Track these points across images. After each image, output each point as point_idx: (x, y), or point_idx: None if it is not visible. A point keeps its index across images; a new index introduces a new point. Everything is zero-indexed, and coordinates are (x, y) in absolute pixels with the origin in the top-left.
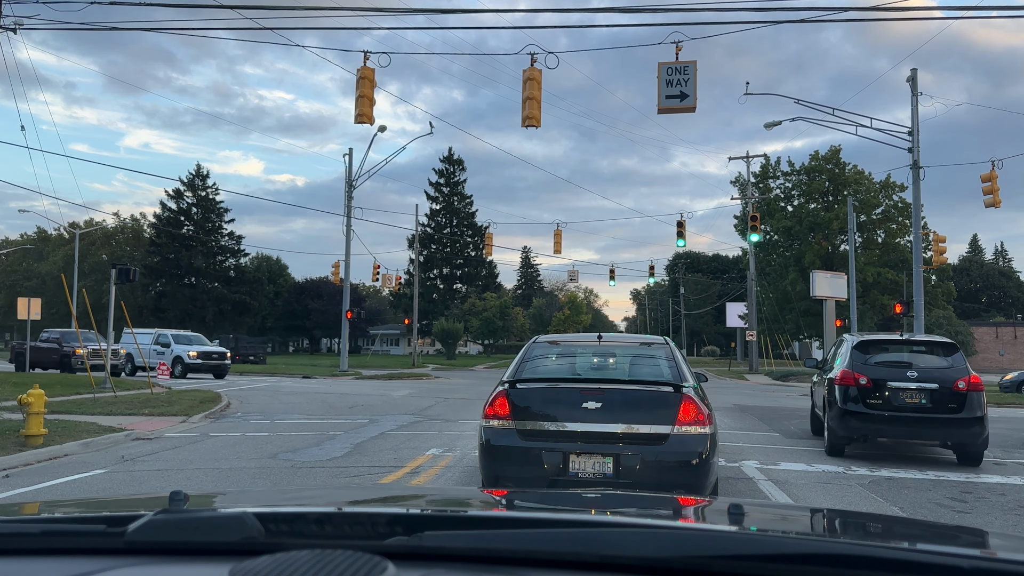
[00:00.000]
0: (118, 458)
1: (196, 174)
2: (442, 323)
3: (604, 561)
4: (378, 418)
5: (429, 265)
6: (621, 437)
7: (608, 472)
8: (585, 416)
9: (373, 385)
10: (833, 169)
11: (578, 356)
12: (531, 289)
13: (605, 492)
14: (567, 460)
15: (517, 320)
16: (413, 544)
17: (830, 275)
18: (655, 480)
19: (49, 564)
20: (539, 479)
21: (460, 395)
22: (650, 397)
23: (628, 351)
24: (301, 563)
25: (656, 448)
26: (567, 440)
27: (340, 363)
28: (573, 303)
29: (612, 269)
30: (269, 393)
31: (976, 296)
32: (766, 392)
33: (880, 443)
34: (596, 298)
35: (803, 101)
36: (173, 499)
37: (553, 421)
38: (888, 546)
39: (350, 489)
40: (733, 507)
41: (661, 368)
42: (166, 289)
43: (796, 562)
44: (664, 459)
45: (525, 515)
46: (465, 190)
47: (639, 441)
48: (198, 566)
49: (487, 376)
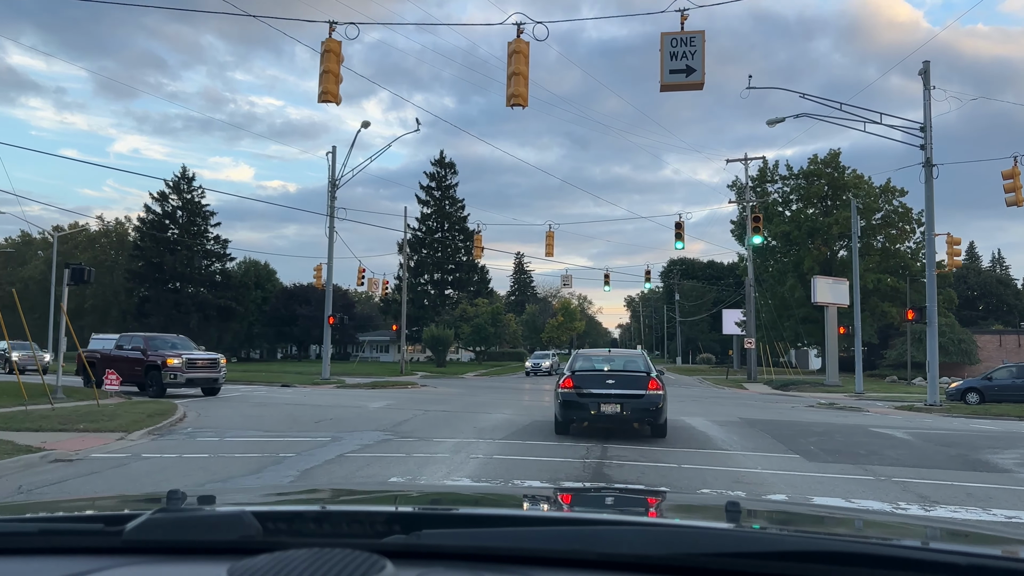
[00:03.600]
0: (13, 489)
1: (181, 176)
2: (432, 329)
3: (602, 559)
4: (343, 435)
5: (420, 270)
6: (622, 396)
7: (618, 411)
8: (606, 385)
9: (352, 395)
10: (832, 173)
11: (600, 359)
12: (524, 295)
13: (604, 490)
14: (599, 405)
15: (509, 327)
16: (411, 542)
17: (832, 281)
18: (639, 415)
19: (47, 563)
20: (586, 415)
21: (442, 407)
22: (635, 377)
23: (624, 357)
24: (299, 562)
25: (638, 400)
26: (598, 397)
27: (322, 371)
28: (567, 310)
29: (607, 274)
30: (235, 404)
31: (973, 304)
32: (769, 403)
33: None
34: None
35: (809, 95)
36: (171, 498)
37: (591, 388)
38: (885, 543)
39: (348, 487)
40: (731, 504)
41: (639, 365)
42: (150, 294)
43: (794, 559)
44: (642, 405)
45: (523, 513)
46: (457, 194)
47: (630, 398)
48: (196, 565)
49: (477, 385)
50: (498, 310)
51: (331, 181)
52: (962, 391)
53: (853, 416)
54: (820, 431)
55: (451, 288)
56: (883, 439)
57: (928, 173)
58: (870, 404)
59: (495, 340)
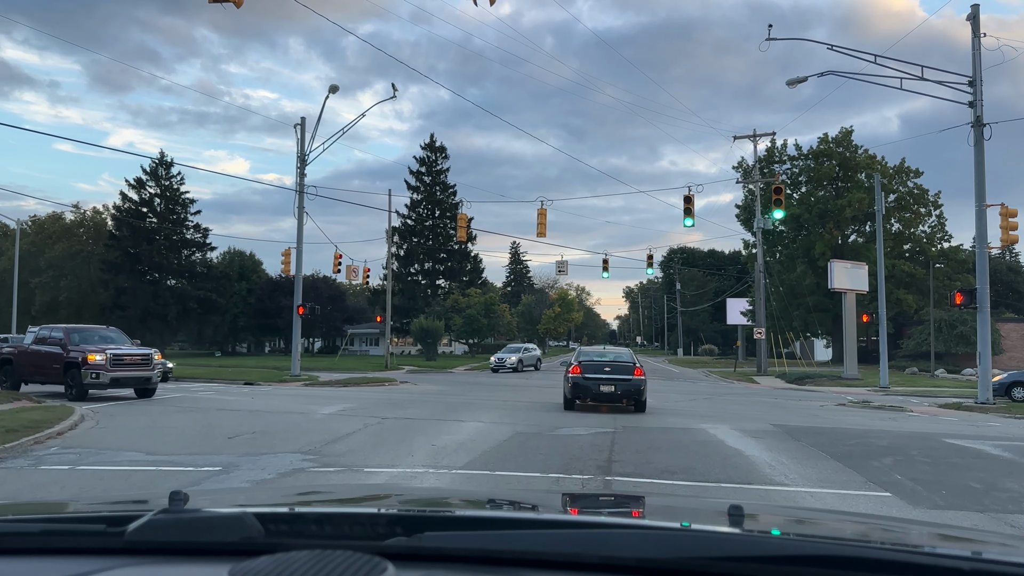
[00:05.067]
0: None
1: (159, 162)
2: (421, 321)
3: (604, 562)
4: (245, 461)
5: (410, 260)
6: (616, 380)
7: (613, 390)
8: (604, 372)
9: (309, 396)
10: (844, 153)
11: (596, 354)
12: (521, 286)
13: (606, 494)
14: (599, 386)
15: (503, 318)
16: (413, 545)
17: (850, 265)
18: (627, 395)
19: (49, 564)
20: (590, 393)
21: (408, 412)
22: (625, 366)
23: (615, 352)
24: (300, 563)
25: (627, 383)
26: (598, 381)
27: (292, 367)
28: (564, 300)
29: (606, 259)
30: (155, 411)
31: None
32: (791, 400)
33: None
34: (588, 296)
35: (838, 47)
36: (173, 499)
37: (594, 373)
38: (889, 548)
39: (350, 489)
40: (733, 509)
41: (627, 358)
42: (127, 286)
43: (796, 564)
44: (629, 387)
45: (525, 516)
46: (448, 179)
47: (622, 381)
48: (197, 566)
49: (463, 381)
50: (492, 300)
51: (299, 156)
52: (1006, 385)
53: (903, 420)
54: (885, 444)
55: (443, 278)
56: (982, 459)
57: (978, 134)
58: (905, 401)
59: (489, 332)
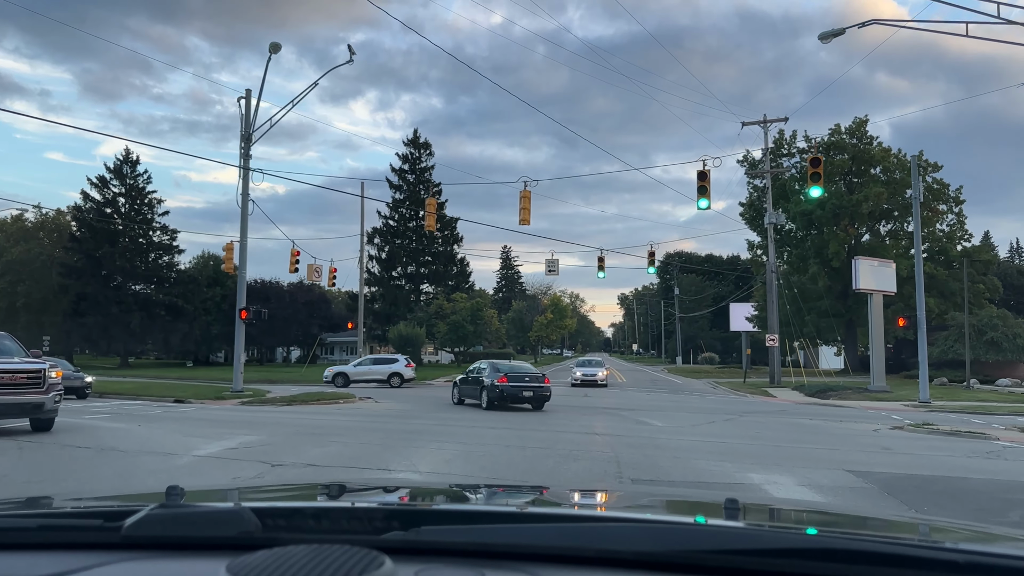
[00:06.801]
0: None
1: (124, 160)
2: (400, 328)
3: (601, 556)
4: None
5: (391, 263)
6: (533, 387)
7: (530, 395)
8: (524, 381)
9: (217, 422)
10: (857, 145)
11: (512, 366)
12: (512, 292)
13: (603, 489)
14: (521, 392)
15: (491, 324)
16: (410, 538)
17: (877, 263)
18: (539, 399)
19: (46, 558)
20: (513, 398)
21: (326, 451)
22: (537, 377)
23: (527, 366)
24: (298, 558)
25: (541, 389)
26: (521, 389)
27: (234, 381)
28: (557, 306)
29: (601, 258)
30: None
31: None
32: (828, 420)
33: None
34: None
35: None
36: (170, 494)
37: (517, 382)
38: (884, 540)
39: (346, 483)
40: (729, 502)
41: (537, 372)
42: (88, 291)
43: (793, 556)
44: (542, 392)
45: (523, 510)
46: (433, 177)
47: (536, 388)
48: (195, 561)
49: (435, 397)
50: (478, 306)
51: (243, 135)
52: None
53: (1014, 457)
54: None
55: (427, 282)
56: None
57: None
58: (968, 420)
59: (476, 339)
